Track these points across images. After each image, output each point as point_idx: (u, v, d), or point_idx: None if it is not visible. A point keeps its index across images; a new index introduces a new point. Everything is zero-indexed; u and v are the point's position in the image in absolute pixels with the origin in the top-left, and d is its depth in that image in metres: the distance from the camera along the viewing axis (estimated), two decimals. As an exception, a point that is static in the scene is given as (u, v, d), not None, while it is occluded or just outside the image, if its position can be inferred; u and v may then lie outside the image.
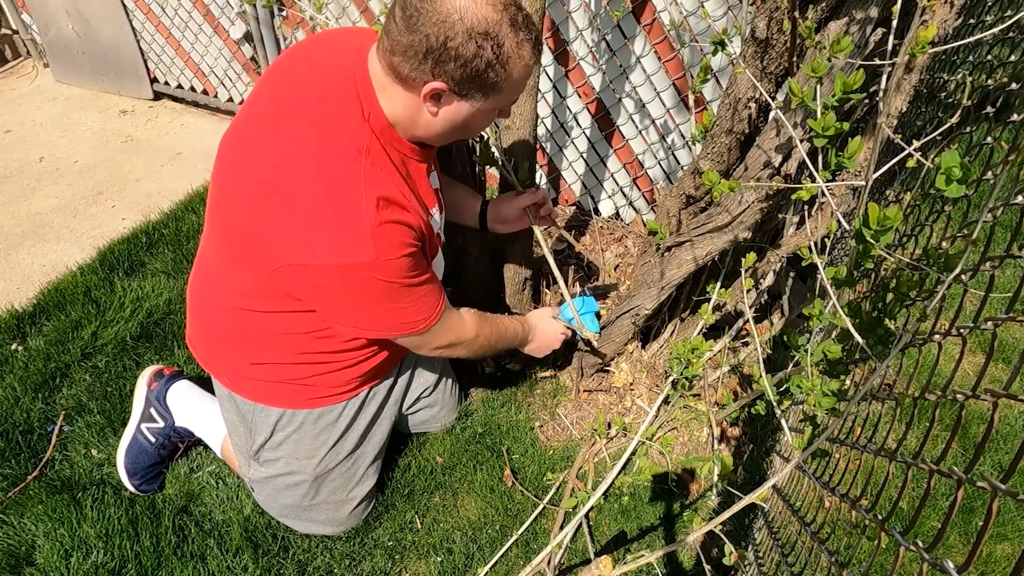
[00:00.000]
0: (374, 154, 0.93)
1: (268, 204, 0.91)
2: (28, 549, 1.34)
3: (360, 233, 0.88)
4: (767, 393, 1.01)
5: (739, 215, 1.20)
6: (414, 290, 1.01)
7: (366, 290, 0.95)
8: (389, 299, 0.99)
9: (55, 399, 1.63)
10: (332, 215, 0.88)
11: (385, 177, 0.93)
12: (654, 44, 1.71)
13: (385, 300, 0.99)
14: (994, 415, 0.49)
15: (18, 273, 2.09)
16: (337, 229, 0.88)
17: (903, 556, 0.55)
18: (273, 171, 0.91)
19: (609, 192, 2.13)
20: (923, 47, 0.78)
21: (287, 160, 0.91)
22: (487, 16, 0.83)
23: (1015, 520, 1.48)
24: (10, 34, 3.22)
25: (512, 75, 0.89)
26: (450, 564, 1.36)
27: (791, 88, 0.94)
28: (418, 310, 1.05)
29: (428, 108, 0.91)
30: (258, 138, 0.95)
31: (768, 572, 1.03)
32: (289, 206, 0.89)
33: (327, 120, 0.92)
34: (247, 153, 0.96)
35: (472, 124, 0.97)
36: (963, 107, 0.83)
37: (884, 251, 0.75)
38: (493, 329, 1.26)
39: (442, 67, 0.85)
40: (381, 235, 0.90)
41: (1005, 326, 0.56)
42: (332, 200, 0.88)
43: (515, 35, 0.86)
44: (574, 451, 1.58)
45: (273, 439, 1.26)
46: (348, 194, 0.88)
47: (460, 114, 0.93)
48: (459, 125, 0.96)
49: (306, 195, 0.89)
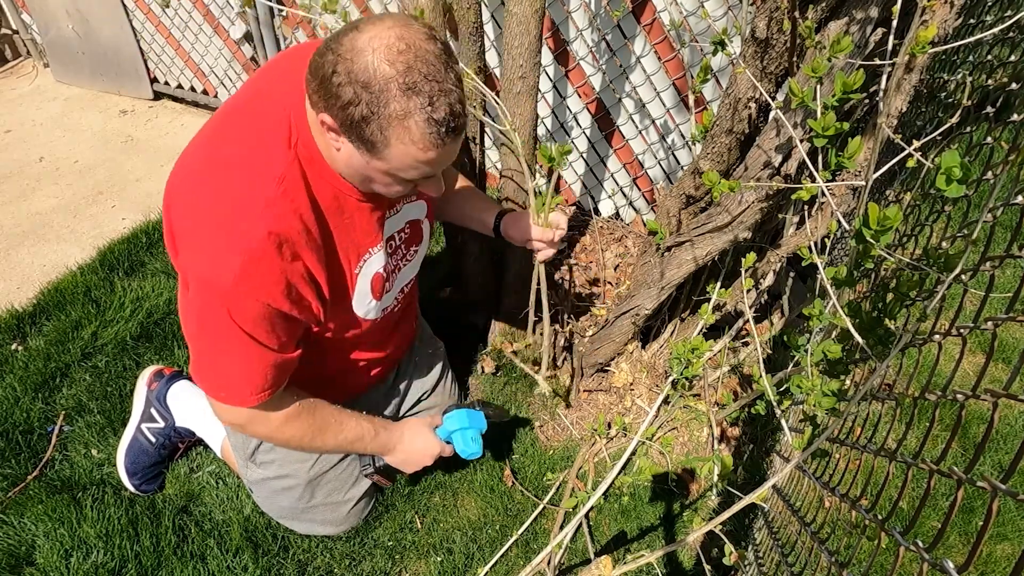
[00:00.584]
0: (289, 183, 0.86)
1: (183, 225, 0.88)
2: (28, 549, 1.34)
3: (232, 258, 0.83)
4: (767, 393, 1.01)
5: (739, 215, 1.20)
6: (251, 349, 0.90)
7: (210, 320, 0.88)
8: (223, 343, 0.90)
9: (55, 399, 1.63)
10: (218, 232, 0.84)
11: (290, 211, 0.86)
12: (654, 44, 1.71)
13: (218, 342, 0.90)
14: (994, 415, 0.49)
15: (18, 273, 2.09)
16: (213, 246, 0.84)
17: (903, 556, 0.55)
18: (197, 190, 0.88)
19: (609, 192, 2.12)
20: (923, 47, 0.78)
21: (209, 179, 0.87)
22: (377, 69, 0.72)
23: (1015, 520, 1.48)
24: (10, 34, 3.22)
25: (392, 147, 0.77)
26: (450, 564, 1.36)
27: (791, 88, 0.94)
28: (237, 376, 0.94)
29: (332, 141, 0.83)
30: (199, 153, 0.91)
31: (768, 572, 1.03)
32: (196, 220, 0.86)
33: (252, 143, 0.87)
34: (188, 168, 0.91)
35: (372, 179, 0.87)
36: (963, 107, 0.83)
37: (884, 251, 0.75)
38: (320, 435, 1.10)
39: (327, 100, 0.76)
40: (252, 270, 0.84)
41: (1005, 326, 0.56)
42: (225, 220, 0.84)
43: (405, 103, 0.73)
44: (574, 451, 1.58)
45: (266, 443, 1.26)
46: (239, 219, 0.83)
47: (354, 160, 0.84)
48: (358, 175, 0.87)
49: (210, 211, 0.85)
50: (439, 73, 0.74)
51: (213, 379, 0.96)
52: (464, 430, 1.25)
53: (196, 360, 0.96)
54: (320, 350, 1.12)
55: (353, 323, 1.08)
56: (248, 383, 0.95)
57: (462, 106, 0.77)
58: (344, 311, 1.04)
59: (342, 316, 1.05)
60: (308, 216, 0.88)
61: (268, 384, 0.96)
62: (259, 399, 0.97)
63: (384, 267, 1.07)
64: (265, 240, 0.83)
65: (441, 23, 1.24)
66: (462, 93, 0.77)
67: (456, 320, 1.74)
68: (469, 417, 1.26)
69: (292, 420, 1.05)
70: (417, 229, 1.17)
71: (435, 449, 1.24)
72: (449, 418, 1.26)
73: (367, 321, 1.10)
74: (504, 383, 1.69)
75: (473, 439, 1.26)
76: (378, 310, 1.11)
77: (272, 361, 0.94)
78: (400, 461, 1.24)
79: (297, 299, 0.91)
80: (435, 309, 1.73)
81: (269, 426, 1.04)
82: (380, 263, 1.06)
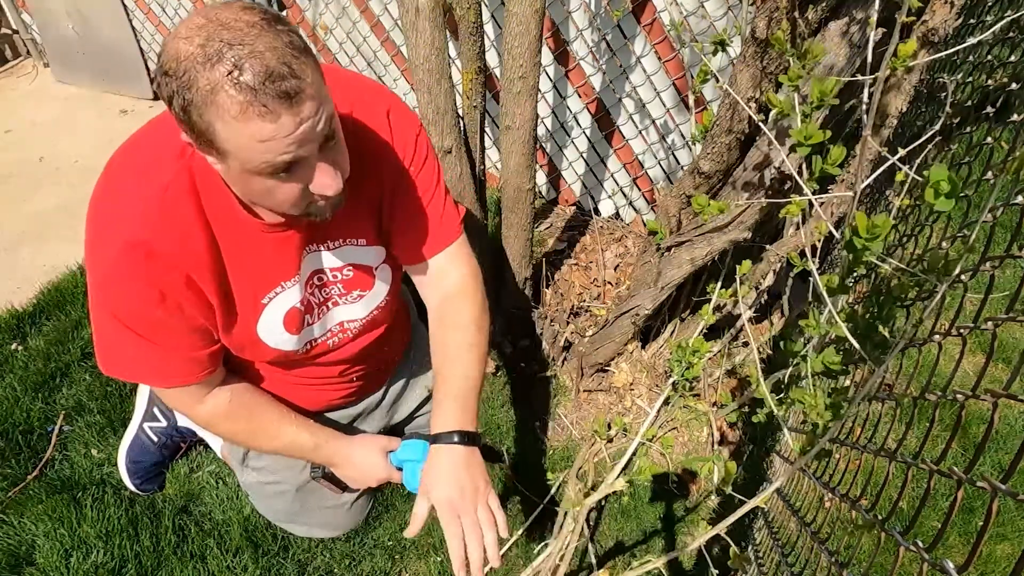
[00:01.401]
0: (172, 193, 0.79)
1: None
2: (28, 549, 1.34)
3: (101, 260, 0.81)
4: (766, 400, 1.01)
5: (739, 215, 1.20)
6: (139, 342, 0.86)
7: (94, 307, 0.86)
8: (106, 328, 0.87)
9: (55, 399, 1.63)
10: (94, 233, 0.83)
11: (169, 223, 0.80)
12: (654, 44, 1.71)
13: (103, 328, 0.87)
14: (994, 415, 0.49)
15: (18, 273, 2.09)
16: (90, 245, 0.83)
17: (903, 556, 0.55)
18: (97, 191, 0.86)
19: (609, 192, 2.12)
20: (904, 61, 0.78)
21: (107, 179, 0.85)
22: (179, 51, 0.63)
23: (1015, 520, 1.48)
24: (10, 34, 3.22)
25: (218, 130, 0.66)
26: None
27: (769, 99, 0.93)
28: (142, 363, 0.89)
29: (210, 162, 0.74)
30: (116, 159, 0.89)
31: (768, 572, 1.03)
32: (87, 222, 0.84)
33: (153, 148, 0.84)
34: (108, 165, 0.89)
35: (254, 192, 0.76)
36: (961, 109, 0.83)
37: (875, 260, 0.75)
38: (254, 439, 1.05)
39: (170, 106, 0.67)
40: (115, 278, 0.81)
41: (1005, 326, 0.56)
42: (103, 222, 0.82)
43: (208, 75, 0.62)
44: (574, 451, 1.58)
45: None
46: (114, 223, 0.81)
47: (231, 175, 0.74)
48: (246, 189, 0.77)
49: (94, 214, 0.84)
50: (247, 37, 0.64)
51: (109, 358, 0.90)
52: (415, 463, 1.10)
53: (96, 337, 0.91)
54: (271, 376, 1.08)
55: (255, 347, 0.97)
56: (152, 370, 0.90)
57: (289, 67, 0.66)
58: (242, 335, 0.94)
59: (239, 339, 0.95)
60: (192, 229, 0.82)
61: (175, 373, 0.91)
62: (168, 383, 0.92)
63: (300, 302, 0.96)
64: (131, 249, 0.79)
65: (441, 23, 1.24)
66: (292, 54, 0.66)
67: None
68: (424, 451, 1.09)
69: (223, 419, 1.00)
70: (365, 276, 1.03)
71: (380, 473, 1.13)
72: (405, 446, 1.14)
73: (276, 351, 0.99)
74: (504, 383, 1.69)
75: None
76: (297, 343, 1.00)
77: (167, 355, 0.89)
78: (344, 476, 1.16)
79: (176, 308, 0.84)
80: (435, 309, 1.73)
81: (201, 419, 0.99)
82: (296, 297, 0.95)
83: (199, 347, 0.91)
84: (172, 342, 0.87)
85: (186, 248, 0.81)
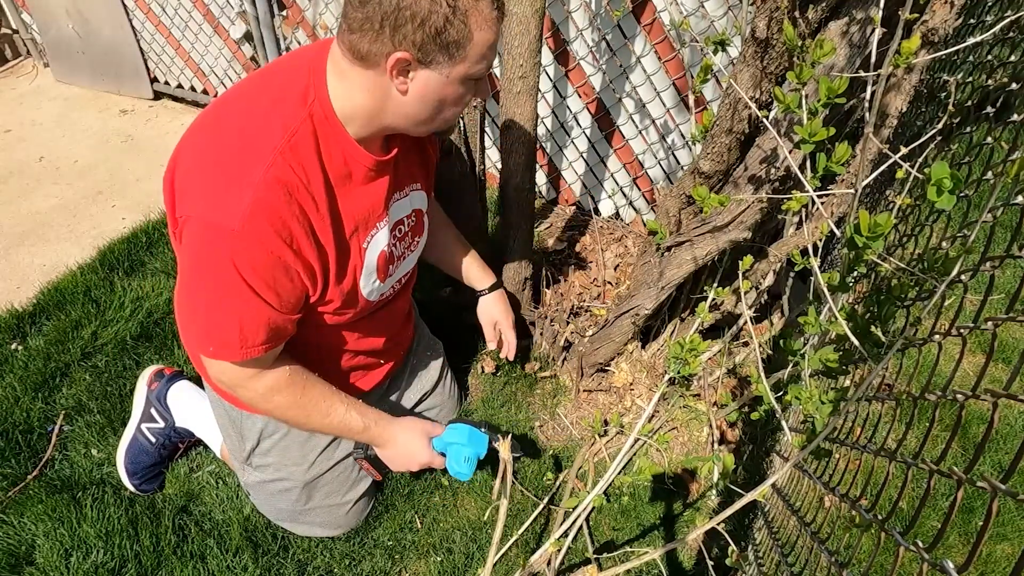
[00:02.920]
0: (299, 137, 0.87)
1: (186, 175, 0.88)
2: (28, 549, 1.34)
3: (239, 200, 0.83)
4: (766, 397, 1.01)
5: (739, 215, 1.20)
6: (249, 301, 0.89)
7: (210, 265, 0.87)
8: (219, 290, 0.88)
9: (55, 399, 1.63)
10: (224, 175, 0.85)
11: (297, 163, 0.87)
12: (654, 44, 1.71)
13: (215, 289, 0.88)
14: (994, 415, 0.49)
15: (18, 273, 2.09)
16: (220, 188, 0.84)
17: (903, 556, 0.55)
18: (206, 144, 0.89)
19: (609, 192, 2.12)
20: (906, 58, 0.78)
21: (218, 134, 0.88)
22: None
23: (1015, 520, 1.48)
24: (10, 33, 3.22)
25: (473, 30, 0.82)
26: (450, 564, 1.36)
27: (775, 95, 0.93)
28: (228, 327, 0.91)
29: (397, 86, 0.86)
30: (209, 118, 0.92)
31: (768, 572, 1.03)
32: (201, 168, 0.87)
33: (268, 99, 0.89)
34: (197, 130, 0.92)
35: (446, 100, 0.90)
36: (958, 110, 0.83)
37: (875, 259, 0.75)
38: (304, 415, 1.08)
39: (401, 33, 0.80)
40: (259, 213, 0.83)
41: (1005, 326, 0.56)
42: (233, 164, 0.85)
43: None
44: (574, 451, 1.58)
45: (261, 446, 1.25)
46: (248, 162, 0.84)
47: (430, 87, 0.87)
48: (432, 103, 0.89)
49: (217, 158, 0.86)
50: None
51: (203, 330, 0.93)
52: (460, 446, 1.17)
53: (186, 313, 0.94)
54: (313, 345, 1.11)
55: (354, 301, 1.06)
56: (238, 336, 0.91)
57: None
58: (349, 285, 1.03)
59: (347, 291, 1.02)
60: (314, 173, 0.89)
61: (258, 341, 0.93)
62: (246, 355, 0.93)
63: (388, 245, 1.08)
64: (274, 184, 0.84)
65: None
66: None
67: (456, 320, 1.74)
68: (470, 436, 1.18)
69: (279, 391, 1.03)
70: (421, 219, 1.18)
71: (424, 457, 1.19)
72: (451, 430, 1.19)
73: (369, 301, 1.09)
74: (504, 383, 1.69)
75: (467, 459, 1.18)
76: (378, 292, 1.12)
77: (266, 317, 0.92)
78: (388, 457, 1.21)
79: (298, 253, 0.90)
80: (435, 309, 1.73)
81: (255, 391, 1.02)
82: (385, 240, 1.06)
83: (293, 313, 0.97)
84: (280, 299, 0.92)
85: (311, 187, 0.89)
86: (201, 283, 0.89)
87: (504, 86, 1.33)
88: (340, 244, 0.97)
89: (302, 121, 0.87)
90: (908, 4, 0.71)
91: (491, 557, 1.07)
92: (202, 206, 0.84)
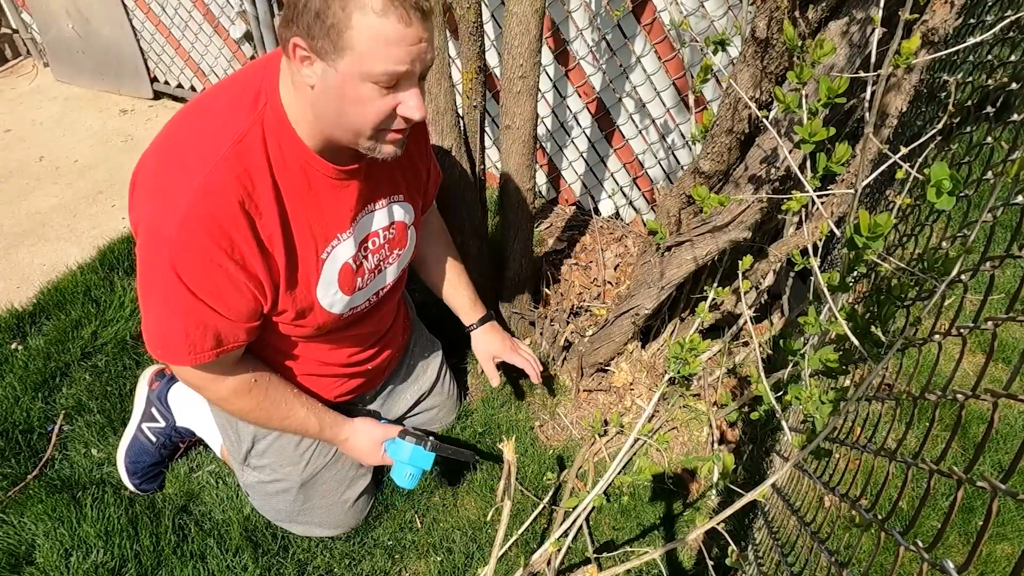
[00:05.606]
0: (246, 143, 0.84)
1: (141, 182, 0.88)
2: (28, 548, 1.34)
3: (176, 206, 0.81)
4: (766, 397, 1.01)
5: (739, 215, 1.20)
6: (192, 307, 0.88)
7: (154, 271, 0.86)
8: (164, 296, 0.87)
9: (55, 398, 1.63)
10: (167, 182, 0.83)
11: (242, 170, 0.84)
12: (654, 44, 1.71)
13: (160, 295, 0.87)
14: (994, 415, 0.49)
15: (18, 273, 2.09)
16: (161, 194, 0.83)
17: (903, 556, 0.55)
18: (160, 153, 0.88)
19: (609, 192, 2.12)
20: (907, 58, 0.78)
21: (173, 142, 0.88)
22: None
23: (1015, 520, 1.48)
24: (10, 33, 3.22)
25: (352, 12, 0.73)
26: (450, 564, 1.36)
27: (775, 94, 0.93)
28: (175, 332, 0.89)
29: (305, 78, 0.80)
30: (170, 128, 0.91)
31: (768, 572, 1.03)
32: (153, 174, 0.86)
33: (224, 105, 0.87)
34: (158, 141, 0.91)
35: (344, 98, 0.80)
36: (958, 110, 0.83)
37: (875, 259, 0.75)
38: (266, 416, 1.10)
39: (297, 20, 0.75)
40: (193, 219, 0.81)
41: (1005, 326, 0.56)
42: (176, 170, 0.84)
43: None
44: (574, 451, 1.58)
45: (256, 447, 1.25)
46: (190, 169, 0.83)
47: (328, 81, 0.79)
48: (333, 100, 0.81)
49: (165, 164, 0.85)
50: None
51: (153, 335, 0.92)
52: (402, 464, 1.25)
53: (142, 317, 0.94)
54: (290, 355, 1.12)
55: (312, 313, 1.03)
56: (185, 341, 0.90)
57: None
58: (303, 297, 0.99)
59: (300, 301, 0.99)
60: (262, 179, 0.86)
61: (206, 347, 0.92)
62: (195, 360, 0.92)
63: (354, 258, 1.04)
64: (213, 191, 0.81)
65: (441, 22, 1.24)
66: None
67: (456, 320, 1.74)
68: (412, 455, 1.24)
69: (242, 394, 1.04)
70: (403, 232, 1.13)
71: (374, 459, 1.26)
72: (394, 445, 1.25)
73: (330, 315, 1.05)
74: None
75: (410, 475, 1.25)
76: (347, 306, 1.08)
77: (213, 324, 0.91)
78: (346, 451, 1.28)
79: (241, 261, 0.87)
80: (435, 309, 1.73)
81: (218, 393, 1.03)
82: (349, 253, 1.02)
83: (245, 318, 0.94)
84: (228, 306, 0.90)
85: (255, 196, 0.86)
86: (149, 289, 0.88)
87: (504, 86, 1.33)
88: (290, 253, 0.94)
89: (250, 126, 0.85)
90: (908, 4, 0.71)
91: (494, 555, 1.07)
92: (146, 212, 0.84)
